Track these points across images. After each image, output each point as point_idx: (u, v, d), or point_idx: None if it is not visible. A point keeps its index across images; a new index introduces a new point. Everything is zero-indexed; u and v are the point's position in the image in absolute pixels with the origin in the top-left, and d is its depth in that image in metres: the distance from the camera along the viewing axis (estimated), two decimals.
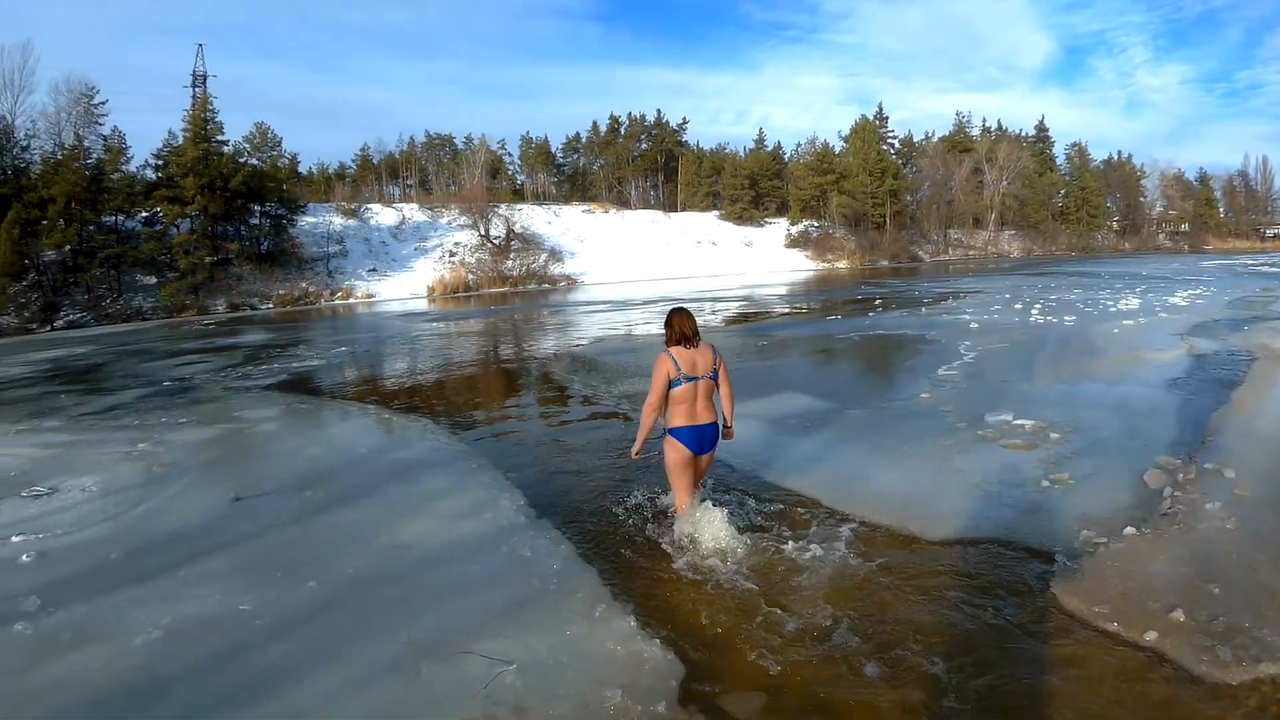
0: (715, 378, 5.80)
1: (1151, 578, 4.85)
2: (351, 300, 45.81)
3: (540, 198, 78.09)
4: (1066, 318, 18.21)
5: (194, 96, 51.88)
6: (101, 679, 4.29)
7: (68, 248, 39.45)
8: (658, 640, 4.37)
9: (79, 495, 7.65)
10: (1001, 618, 4.48)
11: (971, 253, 78.00)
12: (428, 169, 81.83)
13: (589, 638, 4.45)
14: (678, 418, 5.66)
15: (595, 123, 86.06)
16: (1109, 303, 22.26)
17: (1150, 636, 4.18)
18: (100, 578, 5.62)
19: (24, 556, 6.07)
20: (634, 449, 5.86)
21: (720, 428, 5.92)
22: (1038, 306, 21.30)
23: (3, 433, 10.94)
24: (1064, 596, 4.68)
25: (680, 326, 5.73)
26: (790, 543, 5.59)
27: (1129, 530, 5.53)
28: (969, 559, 5.25)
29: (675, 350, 5.68)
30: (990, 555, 5.30)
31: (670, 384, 5.61)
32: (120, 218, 42.56)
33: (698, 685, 3.98)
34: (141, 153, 64.91)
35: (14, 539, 6.47)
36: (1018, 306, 21.90)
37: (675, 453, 5.69)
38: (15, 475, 8.49)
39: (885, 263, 66.92)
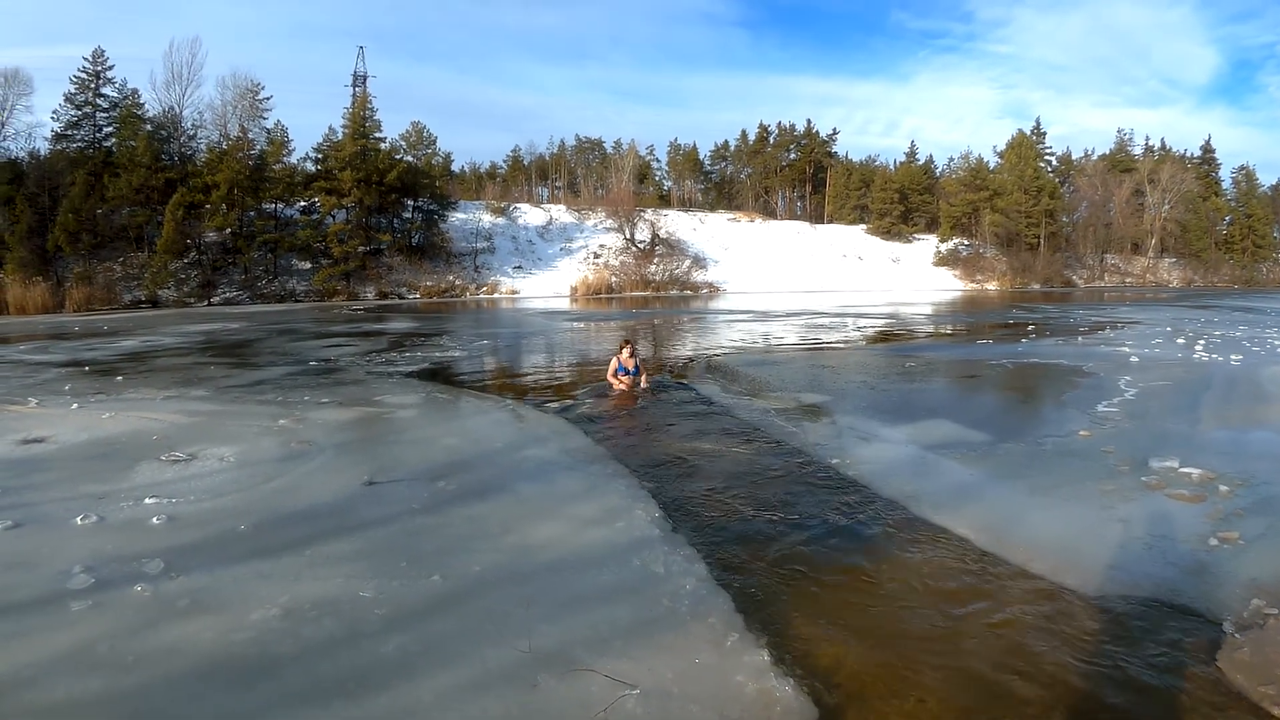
0: (637, 371, 12.22)
1: None
2: (496, 295, 46.88)
3: (686, 204, 78.25)
4: (1233, 356, 16.66)
5: (354, 95, 54.29)
6: (213, 650, 4.18)
7: (228, 230, 41.96)
8: (791, 680, 3.96)
9: (216, 464, 7.73)
10: (1163, 687, 3.96)
11: (1128, 280, 74.23)
12: (576, 172, 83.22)
13: (718, 668, 4.07)
14: (616, 386, 12.00)
15: (744, 131, 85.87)
16: (1277, 342, 20.46)
17: None
18: (225, 548, 5.57)
19: (154, 519, 6.09)
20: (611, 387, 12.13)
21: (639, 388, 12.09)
22: (1201, 342, 19.66)
23: (150, 398, 11.33)
24: (1230, 671, 4.09)
25: (626, 346, 12.29)
26: (939, 607, 5.15)
27: None
28: (1129, 620, 4.66)
29: (621, 356, 12.19)
30: (1152, 617, 4.68)
31: (618, 369, 12.11)
32: (279, 205, 44.96)
33: None
34: (302, 146, 68.18)
35: (147, 501, 6.53)
36: (1180, 341, 20.31)
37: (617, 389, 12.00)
38: (157, 440, 8.69)
39: (1037, 286, 64.44)
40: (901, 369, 15.41)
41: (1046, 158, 79.67)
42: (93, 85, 44.36)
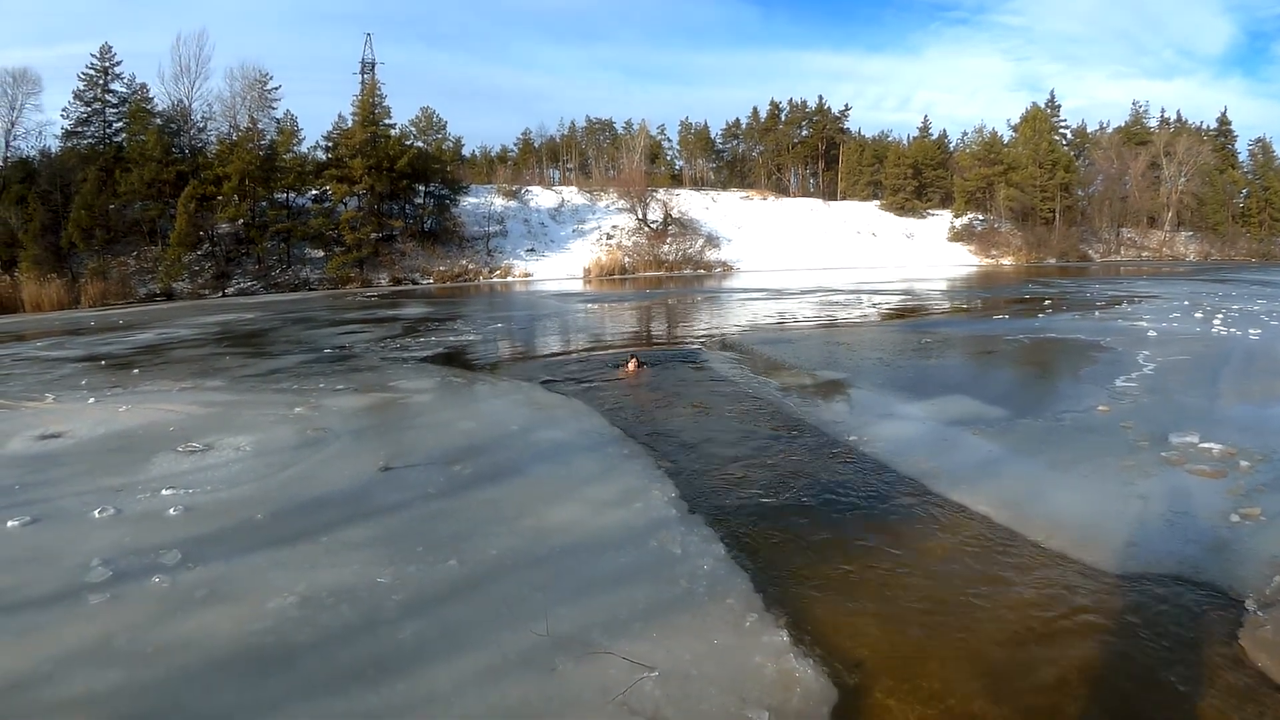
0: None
1: None
2: (509, 279, 46.75)
3: (698, 183, 77.66)
4: (1251, 331, 16.43)
5: (363, 82, 53.74)
6: (229, 640, 4.19)
7: (241, 221, 41.96)
8: (811, 660, 3.95)
9: (232, 454, 7.74)
10: (1184, 665, 3.91)
11: (1145, 254, 73.07)
12: (587, 153, 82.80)
13: (737, 649, 4.05)
14: (629, 378, 12.20)
15: (755, 109, 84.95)
16: None
17: None
18: (242, 537, 5.58)
19: (171, 510, 6.11)
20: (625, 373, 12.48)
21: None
22: (1219, 317, 19.38)
23: (166, 390, 11.36)
24: (1252, 649, 4.03)
25: (633, 360, 12.77)
26: (960, 585, 5.11)
27: None
28: (1151, 598, 4.61)
29: (628, 368, 12.58)
30: (1174, 595, 4.63)
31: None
32: (291, 195, 44.89)
33: (851, 714, 3.59)
34: (312, 135, 67.79)
35: (164, 492, 6.56)
36: (1198, 315, 20.03)
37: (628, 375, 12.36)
38: (174, 431, 8.72)
39: (1053, 261, 63.65)
40: (918, 345, 15.31)
41: (1061, 131, 78.36)
42: (101, 81, 44.33)
